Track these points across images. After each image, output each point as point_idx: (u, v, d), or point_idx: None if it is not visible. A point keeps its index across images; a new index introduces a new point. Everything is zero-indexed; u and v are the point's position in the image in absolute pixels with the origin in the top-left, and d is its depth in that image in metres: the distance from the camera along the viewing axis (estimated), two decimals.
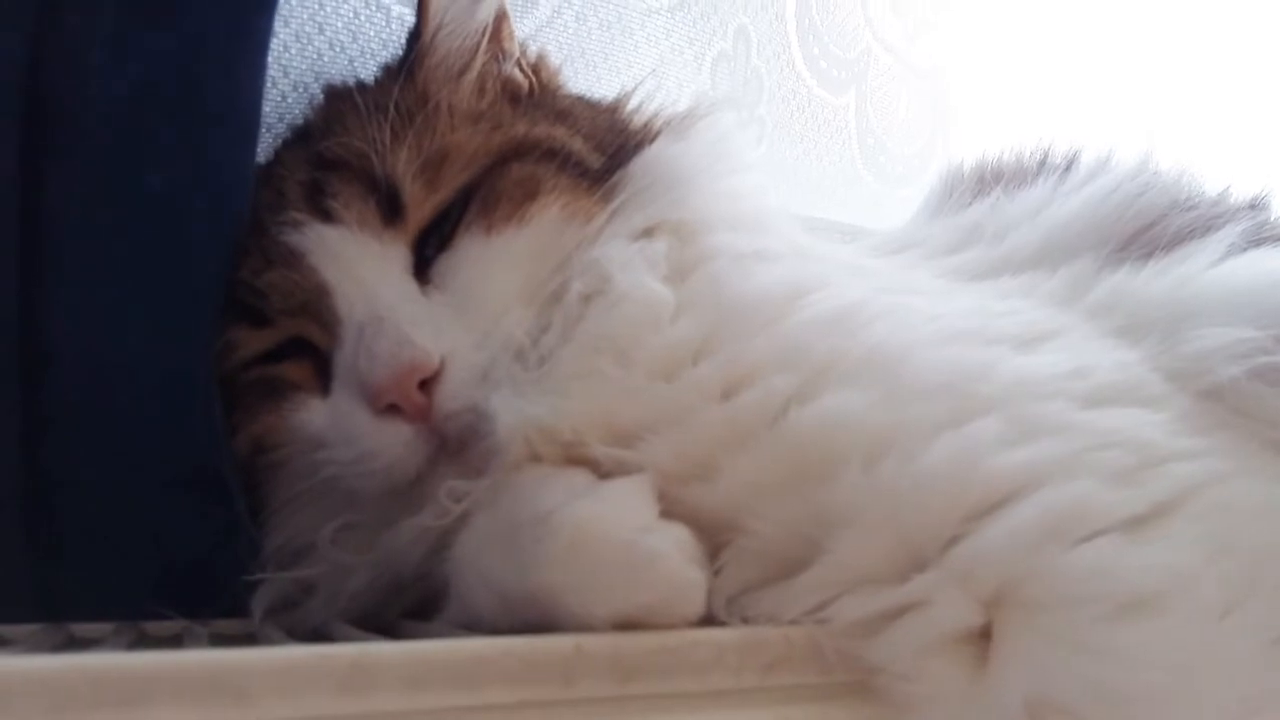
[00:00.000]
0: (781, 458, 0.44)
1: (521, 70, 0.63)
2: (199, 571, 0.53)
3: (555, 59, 0.67)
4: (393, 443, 0.48)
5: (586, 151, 0.57)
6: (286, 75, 0.67)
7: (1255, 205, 0.60)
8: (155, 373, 0.52)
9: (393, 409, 0.48)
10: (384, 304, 0.50)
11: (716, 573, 0.43)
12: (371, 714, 0.34)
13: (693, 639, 0.39)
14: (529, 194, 0.54)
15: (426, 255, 0.53)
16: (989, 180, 0.64)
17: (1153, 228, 0.56)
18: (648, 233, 0.54)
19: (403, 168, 0.53)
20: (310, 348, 0.53)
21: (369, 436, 0.49)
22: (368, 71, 0.66)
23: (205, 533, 0.53)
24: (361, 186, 0.53)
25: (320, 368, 0.52)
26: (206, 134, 0.54)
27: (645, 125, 0.61)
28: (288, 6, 0.66)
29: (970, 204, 0.63)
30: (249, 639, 0.46)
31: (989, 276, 0.56)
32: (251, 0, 0.57)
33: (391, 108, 0.54)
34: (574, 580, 0.39)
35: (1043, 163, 0.65)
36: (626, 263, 0.51)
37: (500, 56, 0.62)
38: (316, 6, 0.68)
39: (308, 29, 0.68)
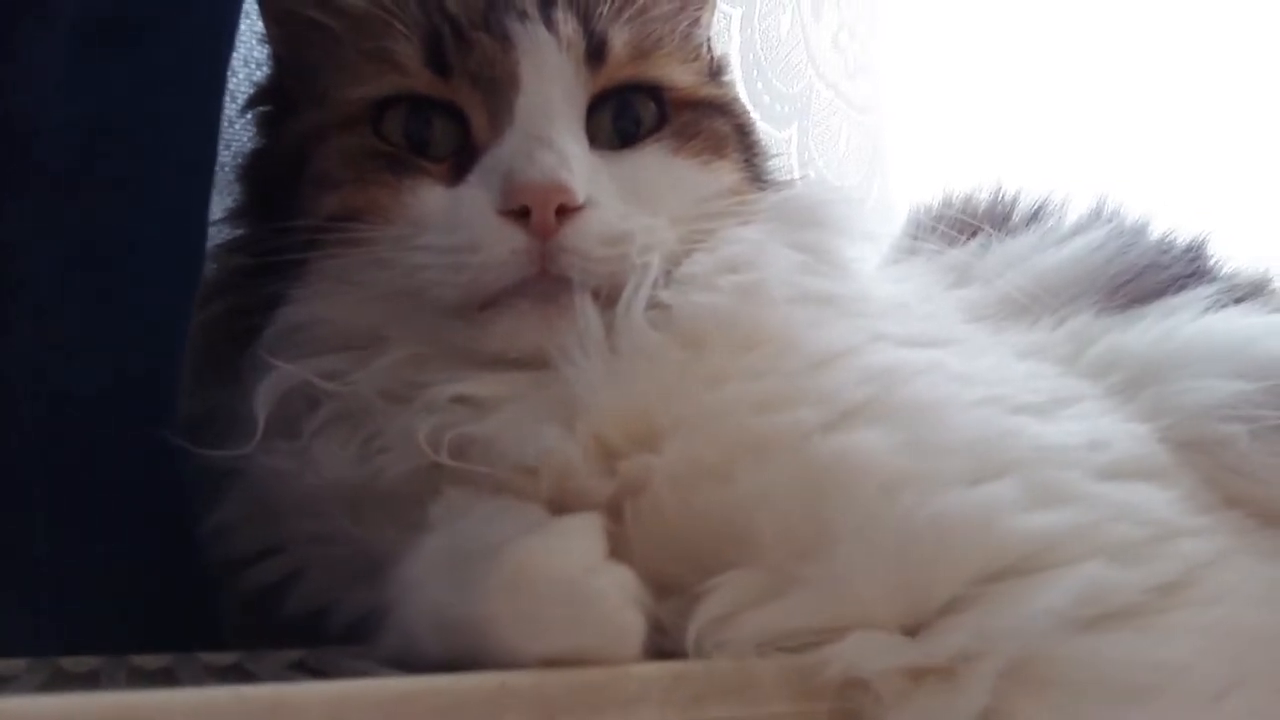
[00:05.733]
0: (798, 472, 0.44)
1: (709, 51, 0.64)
2: (139, 605, 0.52)
3: None
4: (503, 242, 0.48)
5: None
6: (247, 65, 0.67)
7: (1192, 250, 0.62)
8: (117, 408, 0.51)
9: (519, 217, 0.48)
10: (558, 130, 0.50)
11: (700, 597, 0.43)
12: None
13: (618, 674, 0.39)
14: (718, 149, 0.57)
15: (590, 122, 0.53)
16: (961, 222, 0.63)
17: (1135, 281, 0.58)
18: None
19: (614, 31, 0.54)
20: (459, 142, 0.52)
21: (483, 228, 0.48)
22: None
23: (154, 566, 0.53)
24: (579, 23, 0.53)
25: (459, 165, 0.52)
26: (162, 166, 0.54)
27: None
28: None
29: (944, 247, 0.63)
30: (168, 674, 0.45)
31: (988, 319, 0.57)
32: (209, 30, 0.57)
33: None
34: (511, 615, 0.39)
35: (1027, 210, 0.66)
36: (787, 267, 0.52)
37: (697, 25, 0.63)
38: None
39: None
